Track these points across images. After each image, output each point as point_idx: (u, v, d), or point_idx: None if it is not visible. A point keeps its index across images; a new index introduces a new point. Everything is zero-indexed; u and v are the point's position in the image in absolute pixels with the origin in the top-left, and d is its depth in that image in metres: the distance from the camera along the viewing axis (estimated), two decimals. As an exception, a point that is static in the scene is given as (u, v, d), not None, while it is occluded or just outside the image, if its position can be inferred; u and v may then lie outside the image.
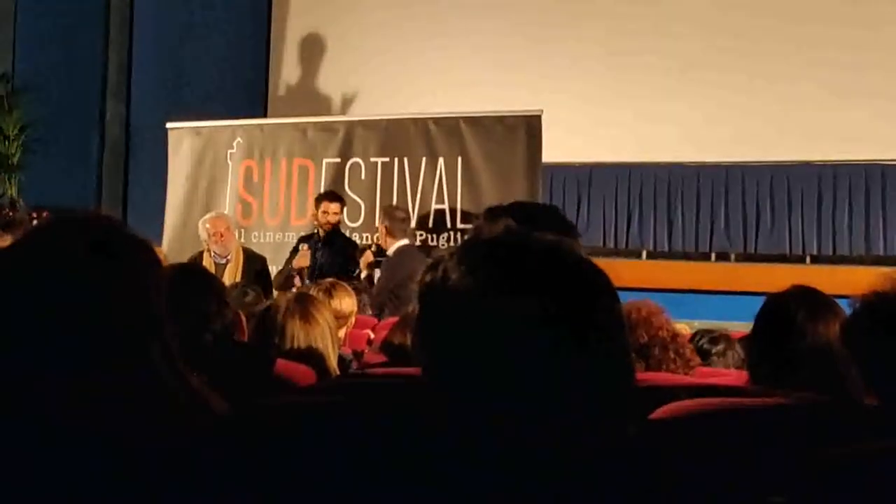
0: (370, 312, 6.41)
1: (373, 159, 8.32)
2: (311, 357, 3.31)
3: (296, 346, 3.35)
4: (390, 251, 7.29)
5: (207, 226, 7.53)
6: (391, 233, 7.31)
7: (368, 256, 7.48)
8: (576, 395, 1.16)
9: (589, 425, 1.16)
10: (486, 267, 1.21)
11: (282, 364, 2.99)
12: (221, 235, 7.46)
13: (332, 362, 3.44)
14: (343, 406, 1.29)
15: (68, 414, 1.33)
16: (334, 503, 1.17)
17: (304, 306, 3.46)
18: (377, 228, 7.66)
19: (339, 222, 7.80)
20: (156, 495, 1.28)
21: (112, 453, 1.30)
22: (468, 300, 1.20)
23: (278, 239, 8.51)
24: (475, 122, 8.05)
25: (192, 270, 3.49)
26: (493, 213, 2.47)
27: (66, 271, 1.48)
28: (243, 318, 3.52)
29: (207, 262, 7.16)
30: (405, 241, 7.35)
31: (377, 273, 7.38)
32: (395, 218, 7.41)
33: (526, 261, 1.21)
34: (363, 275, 7.35)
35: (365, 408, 1.28)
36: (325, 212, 7.69)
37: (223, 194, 8.83)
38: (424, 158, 8.10)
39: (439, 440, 1.16)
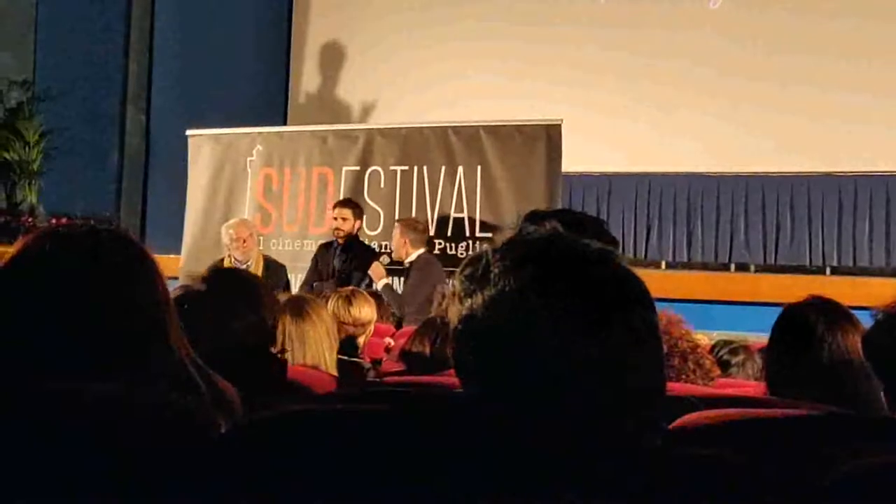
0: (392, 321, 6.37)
1: (392, 167, 8.32)
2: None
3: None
4: (409, 260, 7.29)
5: (231, 231, 7.55)
6: (413, 244, 7.34)
7: (380, 268, 7.38)
8: (602, 401, 1.17)
9: (607, 430, 1.16)
10: (531, 265, 1.22)
11: (300, 371, 2.97)
12: (244, 241, 7.47)
13: (329, 365, 3.39)
14: (349, 411, 1.29)
15: (67, 417, 1.34)
16: None
17: (298, 305, 3.43)
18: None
19: (353, 229, 7.65)
20: (154, 499, 1.28)
21: (110, 456, 1.30)
22: (507, 296, 1.20)
23: (297, 247, 8.51)
24: (495, 130, 8.04)
25: (232, 274, 3.45)
26: (536, 216, 2.41)
27: (66, 277, 1.51)
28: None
29: (228, 268, 7.15)
30: (423, 250, 7.38)
31: (392, 280, 7.36)
32: (416, 230, 7.45)
33: (576, 263, 1.22)
34: (380, 284, 7.24)
35: (374, 413, 1.27)
36: (334, 218, 7.68)
37: (242, 202, 8.84)
38: (443, 167, 8.09)
39: (454, 442, 1.16)
